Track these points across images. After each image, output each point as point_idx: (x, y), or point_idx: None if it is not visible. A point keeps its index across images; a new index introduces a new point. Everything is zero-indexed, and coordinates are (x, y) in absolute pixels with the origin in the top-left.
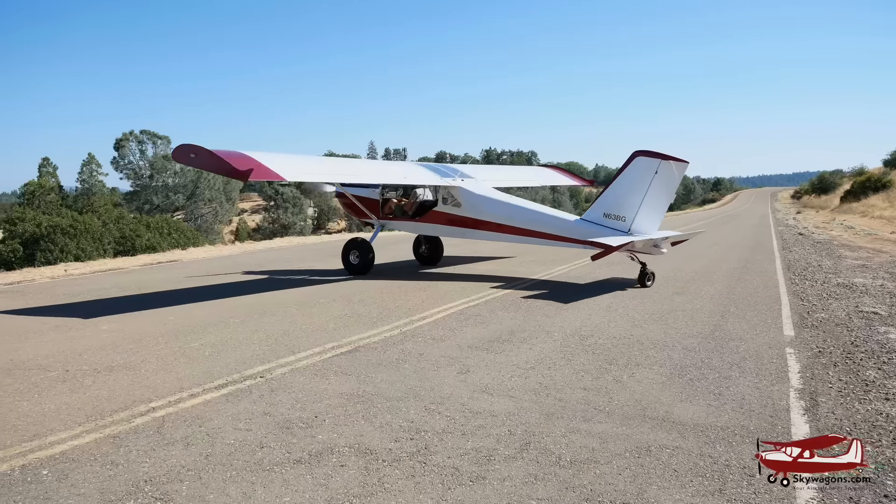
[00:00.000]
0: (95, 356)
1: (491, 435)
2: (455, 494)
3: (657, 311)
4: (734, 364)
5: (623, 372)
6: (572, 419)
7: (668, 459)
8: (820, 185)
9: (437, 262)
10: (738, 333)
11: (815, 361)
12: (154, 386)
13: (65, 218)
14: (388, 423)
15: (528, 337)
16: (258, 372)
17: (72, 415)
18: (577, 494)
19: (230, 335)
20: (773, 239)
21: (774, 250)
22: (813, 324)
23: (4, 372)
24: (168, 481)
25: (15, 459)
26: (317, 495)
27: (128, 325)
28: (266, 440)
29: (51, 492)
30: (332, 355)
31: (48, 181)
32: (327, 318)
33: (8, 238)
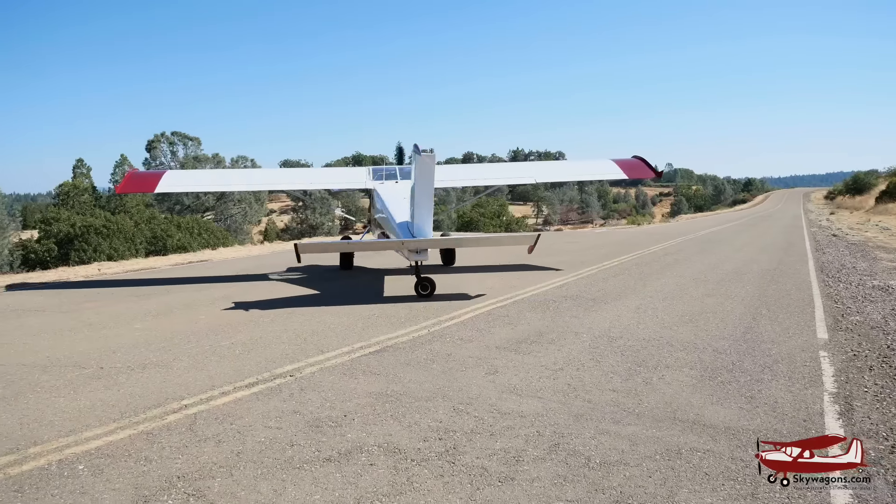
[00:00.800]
0: (129, 354)
1: (519, 436)
2: (484, 494)
3: (687, 313)
4: (766, 367)
5: (653, 374)
6: (601, 421)
7: (699, 462)
8: (854, 186)
9: (451, 264)
10: (770, 336)
11: (850, 365)
12: (186, 384)
13: (98, 218)
14: (416, 422)
15: (557, 338)
16: (288, 371)
17: (106, 411)
18: (606, 496)
19: (260, 334)
20: (805, 240)
21: (807, 252)
22: (847, 327)
23: (41, 369)
24: (200, 477)
25: (52, 454)
26: (346, 494)
27: (160, 324)
28: (296, 438)
29: (86, 486)
30: (360, 355)
31: (82, 182)
32: (355, 318)
33: (43, 238)
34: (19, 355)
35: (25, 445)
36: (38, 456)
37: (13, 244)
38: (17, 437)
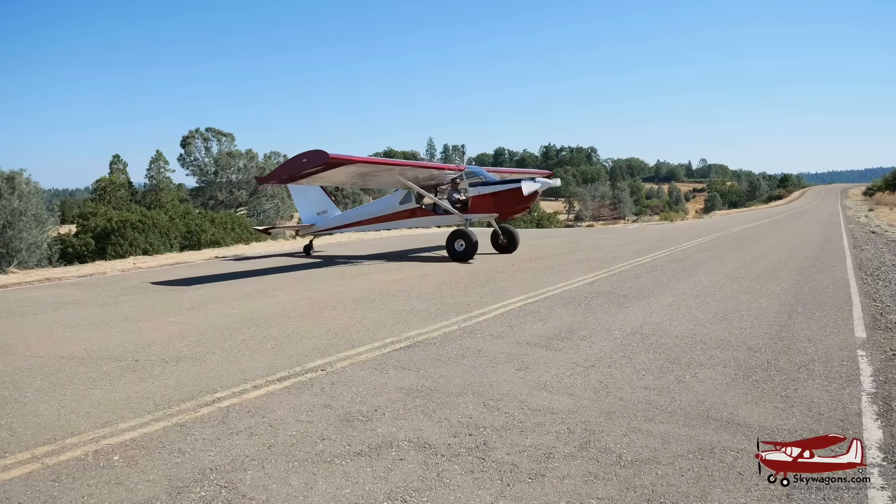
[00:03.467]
0: (163, 347)
1: (550, 432)
2: (514, 491)
3: (721, 311)
4: (802, 366)
5: (685, 372)
6: (633, 418)
7: (732, 462)
8: (894, 182)
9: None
10: (806, 334)
11: (889, 365)
12: (219, 377)
13: (134, 213)
14: (446, 417)
15: (588, 335)
16: (319, 365)
17: (141, 403)
18: (637, 495)
19: (292, 329)
20: (843, 237)
21: (845, 248)
22: (886, 325)
23: (78, 361)
24: (232, 470)
25: (88, 445)
26: (376, 488)
27: (193, 318)
28: (327, 432)
29: (122, 476)
30: (391, 350)
31: (118, 177)
32: (386, 314)
33: (81, 232)
34: (57, 347)
35: (63, 436)
36: (74, 447)
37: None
38: (55, 428)
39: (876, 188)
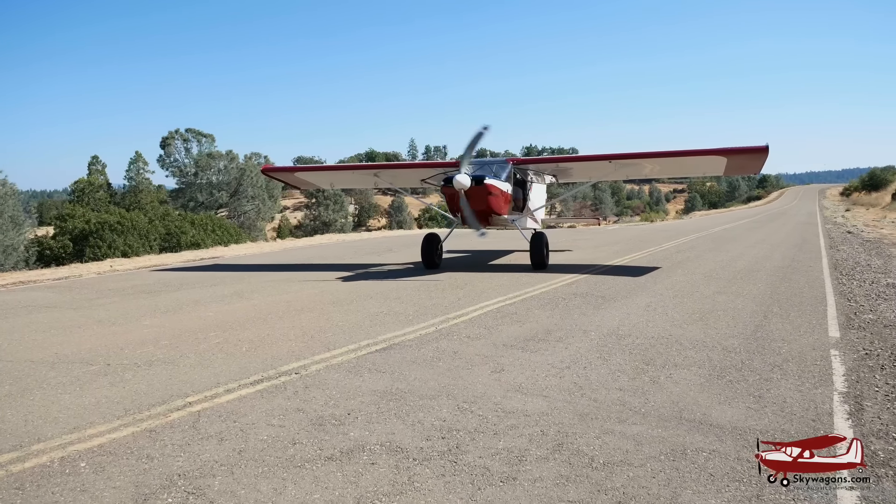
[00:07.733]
0: (136, 351)
1: (523, 435)
2: (485, 495)
3: (697, 311)
4: (776, 366)
5: (660, 372)
6: (606, 420)
7: (704, 463)
8: (870, 182)
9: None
10: (780, 334)
11: (862, 364)
12: (191, 381)
13: (113, 215)
14: (420, 421)
15: (565, 336)
16: (293, 368)
17: (111, 408)
18: (608, 497)
19: (268, 331)
20: (819, 237)
21: (821, 249)
22: (860, 325)
23: (49, 365)
24: (201, 476)
25: (55, 451)
26: (346, 493)
27: (168, 321)
28: (298, 437)
29: (87, 484)
30: (366, 352)
31: (97, 178)
32: (363, 316)
33: (58, 234)
34: (28, 352)
35: (29, 442)
36: (40, 453)
37: (29, 240)
38: (21, 434)
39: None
